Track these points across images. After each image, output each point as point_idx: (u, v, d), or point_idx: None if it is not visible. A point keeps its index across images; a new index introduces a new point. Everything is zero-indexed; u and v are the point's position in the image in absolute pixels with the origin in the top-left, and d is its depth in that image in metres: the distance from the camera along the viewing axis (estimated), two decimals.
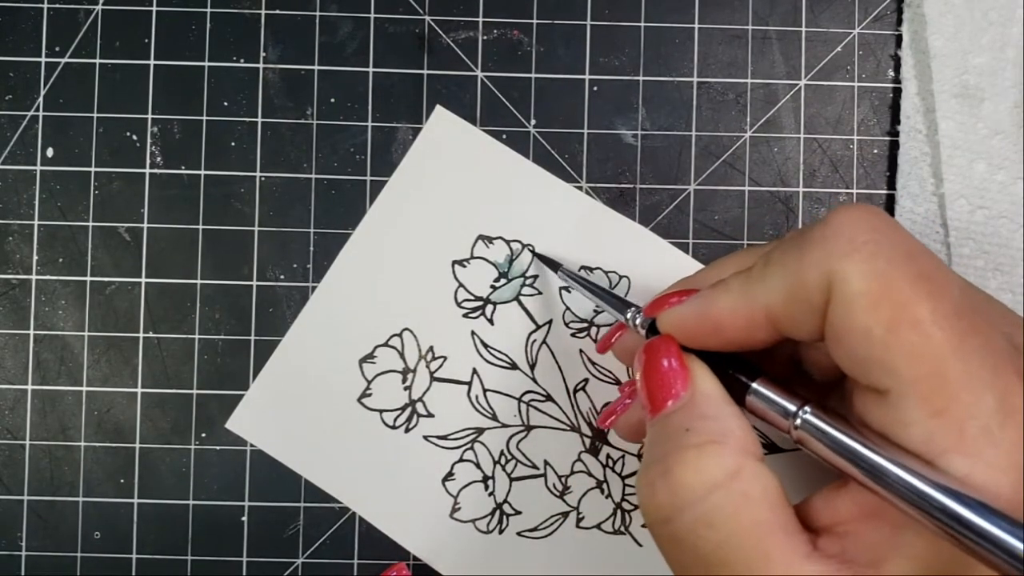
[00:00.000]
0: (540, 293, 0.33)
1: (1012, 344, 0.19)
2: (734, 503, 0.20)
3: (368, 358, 0.33)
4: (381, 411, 0.33)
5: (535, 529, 0.33)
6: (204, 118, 0.33)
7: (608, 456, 0.33)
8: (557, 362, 0.33)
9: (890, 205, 0.33)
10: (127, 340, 0.33)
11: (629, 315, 0.26)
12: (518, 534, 0.33)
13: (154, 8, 0.34)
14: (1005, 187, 0.32)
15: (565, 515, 0.33)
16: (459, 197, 0.33)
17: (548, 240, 0.33)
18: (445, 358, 0.33)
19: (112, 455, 0.33)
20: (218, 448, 0.33)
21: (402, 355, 0.33)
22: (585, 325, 0.33)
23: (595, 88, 0.34)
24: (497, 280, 0.33)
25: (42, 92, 0.33)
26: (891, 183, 0.33)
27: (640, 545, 0.33)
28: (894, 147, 0.33)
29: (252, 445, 0.33)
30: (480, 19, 0.34)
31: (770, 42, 0.34)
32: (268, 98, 0.34)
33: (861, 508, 0.20)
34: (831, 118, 0.34)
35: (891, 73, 0.34)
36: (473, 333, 0.33)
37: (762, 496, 0.20)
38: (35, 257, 0.33)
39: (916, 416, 0.18)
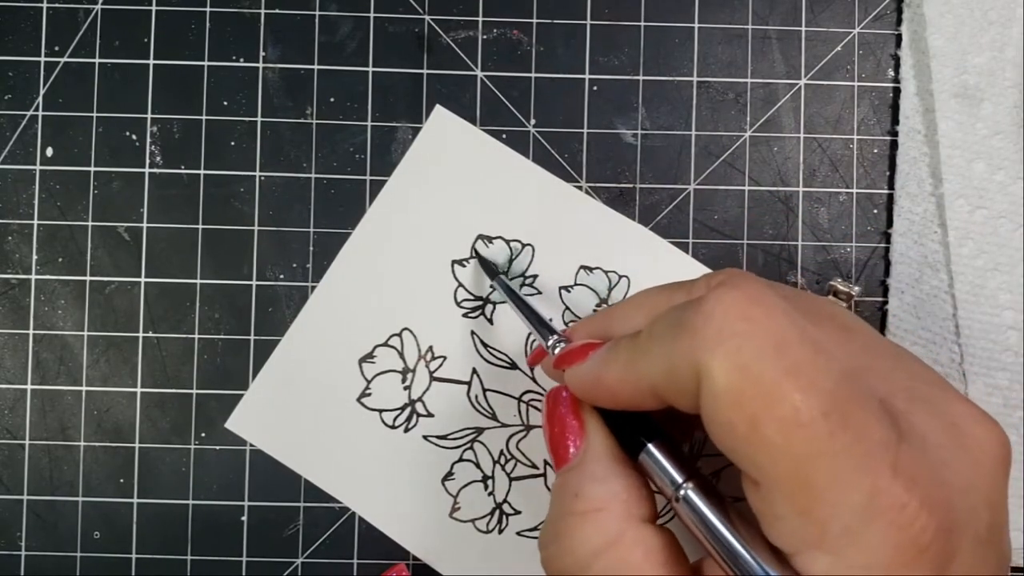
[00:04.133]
0: (540, 293, 0.33)
1: (898, 420, 0.19)
2: (614, 569, 0.21)
3: (368, 358, 0.33)
4: (381, 411, 0.33)
5: (535, 529, 0.33)
6: (204, 118, 0.33)
7: None
8: None
9: (890, 205, 0.33)
10: (127, 340, 0.33)
11: (551, 343, 0.27)
12: (518, 534, 0.33)
13: (154, 8, 0.34)
14: (1004, 187, 0.32)
15: None
16: (459, 197, 0.33)
17: (548, 240, 0.33)
18: (445, 358, 0.33)
19: (112, 455, 0.33)
20: (218, 448, 0.33)
21: (402, 355, 0.33)
22: None
23: (595, 88, 0.34)
24: None
25: (41, 92, 0.33)
26: (891, 183, 0.33)
27: None
28: (894, 147, 0.33)
29: (252, 445, 0.33)
30: (480, 19, 0.34)
31: (770, 42, 0.34)
32: (268, 98, 0.34)
33: None
34: (831, 118, 0.34)
35: (891, 73, 0.34)
36: (473, 333, 0.33)
37: (643, 559, 0.21)
38: (34, 257, 0.33)
39: (783, 510, 0.18)
